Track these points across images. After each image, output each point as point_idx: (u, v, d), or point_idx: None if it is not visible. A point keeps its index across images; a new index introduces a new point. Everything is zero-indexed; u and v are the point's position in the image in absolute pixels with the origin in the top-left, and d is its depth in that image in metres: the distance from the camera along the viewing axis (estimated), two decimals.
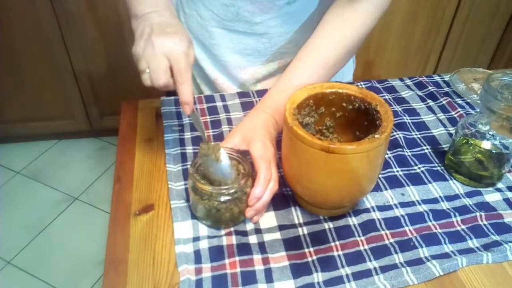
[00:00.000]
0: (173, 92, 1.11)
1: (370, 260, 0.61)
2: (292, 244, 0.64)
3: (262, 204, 0.64)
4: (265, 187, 0.63)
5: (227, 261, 0.61)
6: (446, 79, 1.01)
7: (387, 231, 0.65)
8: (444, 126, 0.86)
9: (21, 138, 2.14)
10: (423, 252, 0.62)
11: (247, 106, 0.89)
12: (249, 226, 0.66)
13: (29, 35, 1.78)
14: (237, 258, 0.61)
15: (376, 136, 0.57)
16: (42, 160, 2.10)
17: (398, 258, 0.62)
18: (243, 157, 0.65)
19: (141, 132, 0.83)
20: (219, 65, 0.94)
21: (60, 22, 1.77)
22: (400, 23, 2.01)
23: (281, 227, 0.66)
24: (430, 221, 0.67)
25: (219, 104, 0.89)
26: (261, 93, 0.92)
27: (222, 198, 0.61)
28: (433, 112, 0.90)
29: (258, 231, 0.65)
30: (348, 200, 0.64)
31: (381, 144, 0.57)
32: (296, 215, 0.68)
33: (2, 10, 1.71)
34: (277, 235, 0.65)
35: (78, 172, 2.05)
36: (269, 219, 0.67)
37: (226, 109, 0.88)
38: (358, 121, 0.66)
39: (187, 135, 0.82)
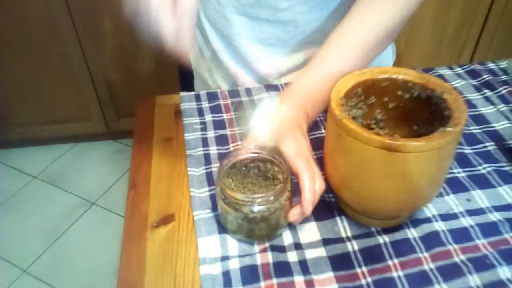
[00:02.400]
0: (192, 87, 1.03)
1: (439, 282, 0.50)
2: (340, 262, 0.53)
3: (311, 208, 0.53)
4: (313, 188, 0.52)
5: (262, 284, 0.50)
6: (502, 66, 0.88)
7: (455, 246, 0.54)
8: (508, 119, 0.74)
9: (37, 141, 2.09)
10: (504, 272, 0.51)
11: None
12: (287, 240, 0.55)
13: (44, 35, 1.72)
14: (274, 281, 0.50)
15: (448, 129, 0.45)
16: (59, 164, 2.04)
17: (474, 280, 0.50)
18: (279, 156, 0.54)
19: (158, 131, 0.73)
20: (239, 58, 0.84)
21: (75, 21, 1.70)
22: (433, 13, 1.88)
23: (325, 242, 0.55)
24: (507, 232, 0.55)
25: (245, 98, 0.79)
26: None
27: (256, 208, 0.51)
28: (492, 103, 0.78)
29: (298, 246, 0.55)
30: (409, 208, 0.53)
31: (454, 140, 0.46)
32: (343, 227, 0.57)
33: (17, 10, 1.65)
34: (322, 251, 0.54)
35: (95, 176, 1.99)
36: (310, 232, 0.56)
37: (253, 103, 0.78)
38: (416, 113, 0.55)
39: (210, 133, 0.72)
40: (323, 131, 0.71)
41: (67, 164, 2.04)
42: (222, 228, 0.57)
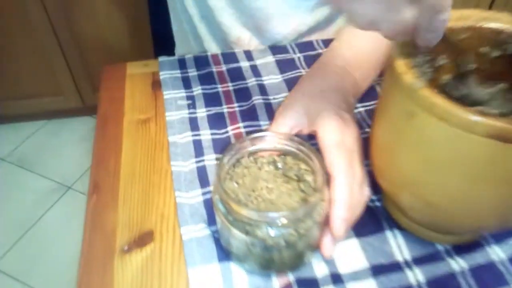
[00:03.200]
0: (171, 48, 0.81)
1: None
2: None
3: (348, 228, 0.36)
4: (348, 199, 0.35)
5: None
6: None
7: None
8: None
9: (3, 119, 1.87)
10: None
11: (287, 66, 0.59)
12: (320, 270, 0.38)
13: None
14: None
15: None
16: (29, 145, 1.83)
17: None
18: (312, 151, 0.36)
19: (130, 110, 0.54)
20: (245, 16, 0.64)
21: None
22: None
23: (375, 270, 0.38)
24: None
25: (244, 64, 0.60)
26: (304, 46, 0.62)
27: (277, 231, 0.33)
28: None
29: (336, 278, 0.37)
30: (504, 221, 0.36)
31: None
32: (396, 244, 0.40)
33: None
34: (371, 286, 0.37)
35: (70, 156, 1.78)
36: (352, 255, 0.39)
37: (255, 71, 0.59)
38: (506, 77, 0.37)
39: (201, 112, 0.53)
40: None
41: (39, 144, 1.83)
42: (224, 253, 0.39)
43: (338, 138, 0.37)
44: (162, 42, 0.79)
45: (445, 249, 0.39)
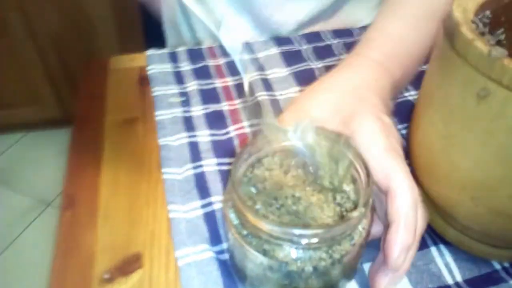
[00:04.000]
0: (160, 42, 0.73)
1: None
2: None
3: (411, 260, 0.27)
4: (416, 216, 0.27)
5: None
6: None
7: None
8: None
9: None
10: None
11: (293, 59, 0.52)
12: None
13: None
14: None
15: None
16: (6, 159, 1.72)
17: None
18: (358, 155, 0.28)
19: (113, 109, 0.46)
20: (240, 4, 0.57)
21: None
22: None
23: None
24: None
25: (245, 57, 0.53)
26: (310, 37, 0.56)
27: (301, 254, 0.25)
28: None
29: None
30: None
31: None
32: (444, 263, 0.32)
33: None
34: None
35: (51, 171, 1.68)
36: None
37: (257, 64, 0.51)
38: None
39: (197, 110, 0.45)
40: None
41: (16, 158, 1.72)
42: (232, 280, 0.31)
43: (386, 143, 0.29)
44: (154, 37, 0.72)
45: (503, 267, 0.32)
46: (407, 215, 0.26)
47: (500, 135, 0.24)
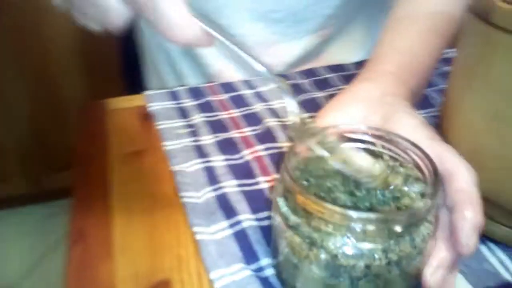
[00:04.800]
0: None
1: None
2: None
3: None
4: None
5: None
6: None
7: None
8: None
9: None
10: None
11: (295, 91, 0.52)
12: None
13: None
14: None
15: None
16: None
17: None
18: (421, 150, 0.27)
19: (117, 144, 0.44)
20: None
21: None
22: None
23: None
24: None
25: (246, 92, 0.53)
26: (307, 73, 0.57)
27: (355, 248, 0.23)
28: None
29: None
30: None
31: None
32: (498, 261, 0.30)
33: None
34: None
35: (17, 253, 1.55)
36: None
37: (261, 97, 0.51)
38: None
39: (207, 139, 0.44)
40: None
41: None
42: None
43: (429, 133, 0.28)
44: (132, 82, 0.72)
45: None
46: (472, 192, 0.24)
47: None
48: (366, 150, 0.29)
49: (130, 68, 0.78)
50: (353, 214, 0.23)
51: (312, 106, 0.48)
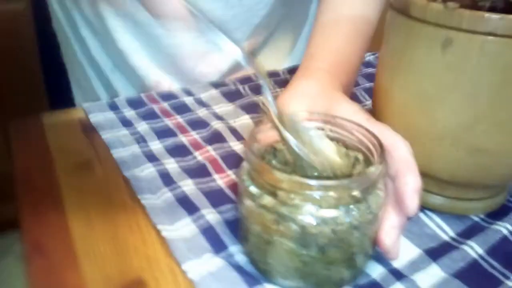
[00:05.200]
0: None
1: None
2: (476, 279, 0.30)
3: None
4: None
5: None
6: None
7: None
8: None
9: None
10: None
11: (235, 96, 0.54)
12: (375, 271, 0.30)
13: None
14: None
15: None
16: None
17: None
18: (365, 129, 0.30)
19: (63, 157, 0.42)
20: (162, 56, 0.60)
21: None
22: None
23: (432, 254, 0.32)
24: None
25: (187, 99, 0.54)
26: (243, 80, 0.59)
27: (321, 216, 0.26)
28: None
29: (398, 274, 0.30)
30: None
31: None
32: (436, 225, 0.35)
33: None
34: (436, 271, 0.30)
35: None
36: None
37: (202, 103, 0.53)
38: None
39: (156, 145, 0.44)
40: None
41: None
42: (258, 273, 0.29)
43: (368, 115, 0.32)
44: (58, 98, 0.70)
45: (481, 219, 0.35)
46: (410, 161, 0.28)
47: (468, 75, 0.28)
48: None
49: (54, 85, 0.75)
50: (314, 182, 0.25)
51: (252, 109, 0.51)
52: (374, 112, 0.37)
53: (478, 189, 0.35)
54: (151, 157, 0.42)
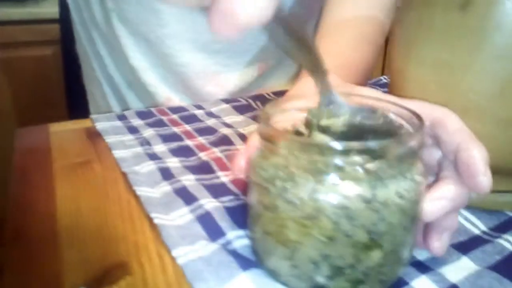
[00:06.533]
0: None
1: None
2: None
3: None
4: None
5: None
6: None
7: None
8: None
9: None
10: None
11: (245, 109, 0.53)
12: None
13: None
14: None
15: None
16: None
17: None
18: (402, 107, 0.25)
19: (62, 157, 0.41)
20: (172, 75, 0.60)
21: None
22: None
23: (461, 248, 0.27)
24: None
25: (198, 112, 0.52)
26: (254, 97, 0.58)
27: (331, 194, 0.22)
28: None
29: (424, 267, 0.26)
30: None
31: None
32: (466, 220, 0.30)
33: None
34: (467, 263, 0.26)
35: None
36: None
37: (212, 115, 0.51)
38: None
39: (160, 147, 0.42)
40: None
41: None
42: (258, 263, 0.25)
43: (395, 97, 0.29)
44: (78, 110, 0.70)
45: None
46: (468, 131, 0.24)
47: (491, 37, 0.26)
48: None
49: (74, 101, 0.76)
50: (335, 145, 0.21)
51: None
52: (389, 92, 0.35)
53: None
54: (154, 157, 0.39)
